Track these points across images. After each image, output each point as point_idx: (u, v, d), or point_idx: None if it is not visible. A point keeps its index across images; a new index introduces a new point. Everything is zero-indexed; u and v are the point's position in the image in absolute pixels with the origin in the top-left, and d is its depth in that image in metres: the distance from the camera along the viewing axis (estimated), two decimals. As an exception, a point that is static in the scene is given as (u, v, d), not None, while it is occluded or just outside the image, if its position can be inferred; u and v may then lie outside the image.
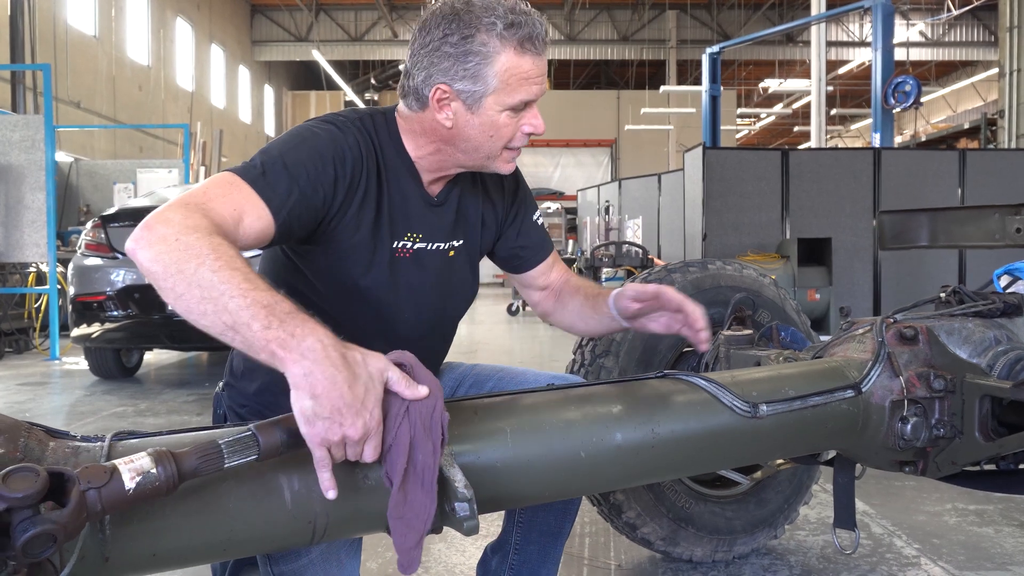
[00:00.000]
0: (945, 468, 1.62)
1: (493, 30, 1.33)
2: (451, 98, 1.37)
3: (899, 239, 3.07)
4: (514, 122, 1.40)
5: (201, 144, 12.96)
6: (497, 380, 1.65)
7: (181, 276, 1.04)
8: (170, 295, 1.06)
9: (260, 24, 25.92)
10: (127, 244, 1.11)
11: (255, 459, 0.99)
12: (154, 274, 1.06)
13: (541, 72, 1.39)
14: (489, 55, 1.33)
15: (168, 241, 1.07)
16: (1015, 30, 16.19)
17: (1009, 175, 8.88)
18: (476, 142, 1.41)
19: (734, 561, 2.33)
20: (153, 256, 1.06)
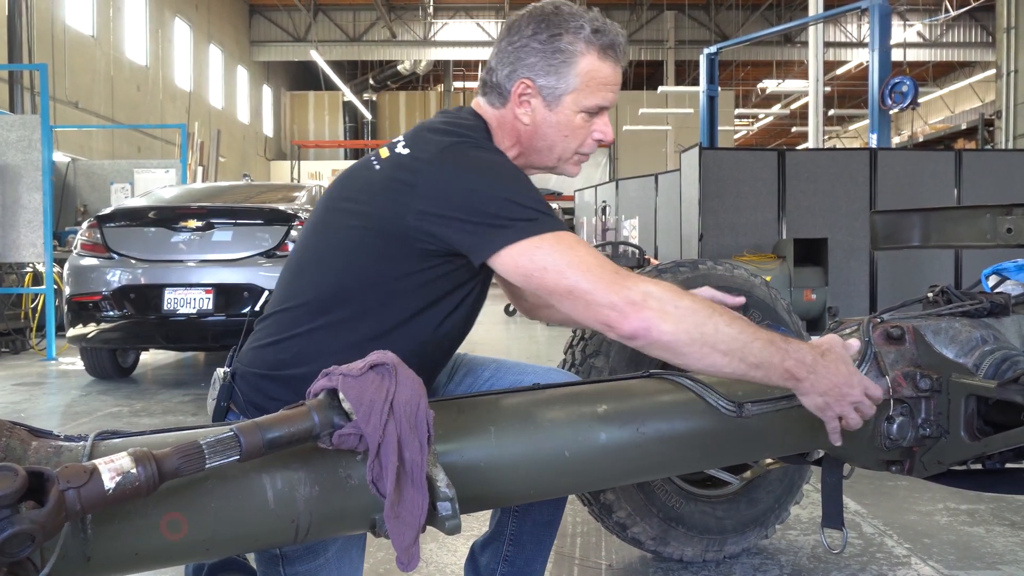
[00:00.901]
0: (931, 467, 1.63)
1: (580, 33, 1.42)
2: (532, 94, 1.44)
3: (891, 239, 3.08)
4: (587, 126, 1.47)
5: (199, 144, 12.97)
6: (494, 371, 1.66)
7: (705, 339, 1.23)
8: (693, 356, 1.24)
9: (258, 24, 25.92)
10: (630, 328, 1.22)
11: (236, 460, 0.99)
12: (678, 342, 1.23)
13: (617, 81, 1.48)
14: (574, 55, 1.42)
15: (672, 312, 1.22)
16: (1012, 31, 16.21)
17: (1005, 175, 8.89)
18: (551, 140, 1.47)
19: (725, 561, 2.33)
20: (674, 328, 1.22)
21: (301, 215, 5.42)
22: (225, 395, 1.46)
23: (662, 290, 1.24)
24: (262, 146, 26.55)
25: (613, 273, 1.25)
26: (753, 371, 1.26)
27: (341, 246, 1.40)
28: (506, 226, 1.27)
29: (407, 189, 1.33)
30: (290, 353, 1.40)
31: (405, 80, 28.54)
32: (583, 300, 1.23)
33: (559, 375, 1.63)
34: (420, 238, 1.33)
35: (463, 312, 1.47)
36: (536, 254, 1.26)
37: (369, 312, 1.38)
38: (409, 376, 1.10)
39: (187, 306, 5.13)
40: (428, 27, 25.48)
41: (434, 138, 1.39)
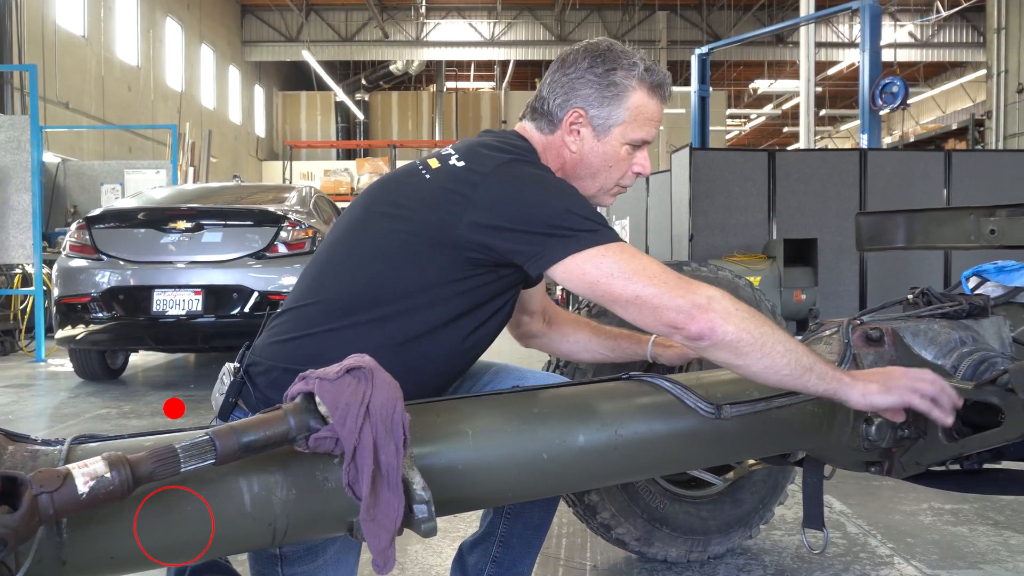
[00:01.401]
0: (910, 468, 1.64)
1: (634, 70, 1.51)
2: (583, 123, 1.52)
3: (876, 240, 3.09)
4: (629, 159, 1.56)
5: (190, 145, 12.94)
6: (493, 375, 1.68)
7: (765, 339, 1.30)
8: (753, 356, 1.30)
9: (250, 24, 25.86)
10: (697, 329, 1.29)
11: (212, 463, 1.00)
12: (741, 342, 1.29)
13: (661, 118, 1.57)
14: (627, 88, 1.51)
15: (734, 313, 1.30)
16: (1003, 31, 16.27)
17: (995, 176, 8.92)
18: (595, 169, 1.55)
19: (709, 561, 2.34)
20: (736, 329, 1.29)
21: (291, 216, 5.42)
22: (234, 391, 1.45)
23: (723, 294, 1.32)
24: (254, 146, 26.50)
25: (677, 279, 1.32)
26: (806, 374, 1.32)
27: (381, 249, 1.44)
28: (570, 235, 1.34)
29: (462, 200, 1.38)
30: (314, 349, 1.40)
31: (397, 80, 28.51)
32: (650, 304, 1.30)
33: (555, 380, 1.64)
34: (472, 248, 1.38)
35: (493, 324, 1.52)
36: (603, 262, 1.32)
37: (403, 316, 1.41)
38: (385, 380, 1.11)
39: (176, 307, 5.12)
40: (420, 27, 25.46)
41: (491, 154, 1.45)
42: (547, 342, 1.87)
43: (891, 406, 1.39)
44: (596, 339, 1.84)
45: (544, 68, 26.91)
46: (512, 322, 1.84)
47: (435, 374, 1.47)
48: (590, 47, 1.55)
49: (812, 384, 1.34)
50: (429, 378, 1.45)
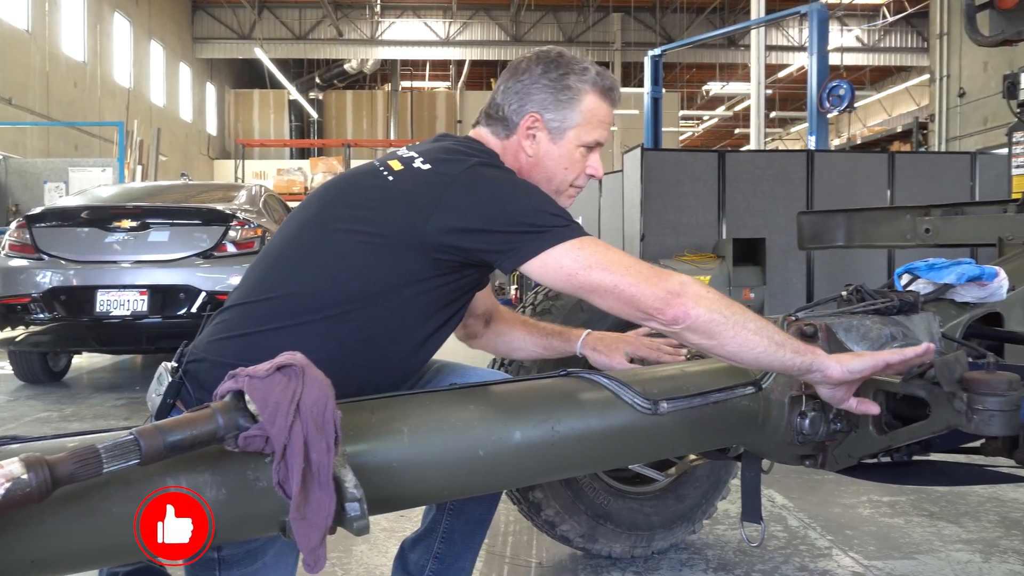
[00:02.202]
0: (843, 461, 1.68)
1: (586, 75, 1.58)
2: (539, 127, 1.57)
3: (817, 239, 3.17)
4: (583, 161, 1.61)
5: (138, 143, 12.69)
6: (435, 372, 1.68)
7: (736, 320, 1.34)
8: (727, 335, 1.34)
9: (201, 21, 25.43)
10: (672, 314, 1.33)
11: (137, 463, 0.98)
12: (714, 322, 1.33)
13: (611, 122, 1.66)
14: (580, 92, 1.57)
15: (705, 296, 1.34)
16: (945, 37, 16.72)
17: (936, 177, 9.17)
18: (551, 172, 1.59)
19: (653, 556, 2.37)
20: (708, 311, 1.33)
21: (240, 215, 5.35)
22: (172, 392, 1.42)
23: (693, 280, 1.38)
24: (205, 145, 26.06)
25: (650, 268, 1.38)
26: (780, 350, 1.36)
27: (341, 249, 1.43)
28: (544, 231, 1.37)
29: (431, 203, 1.39)
30: (267, 345, 1.37)
31: (352, 79, 28.27)
32: (627, 294, 1.34)
33: (497, 376, 1.65)
34: (440, 250, 1.39)
35: (450, 326, 1.54)
36: (580, 255, 1.36)
37: (362, 315, 1.40)
38: (317, 377, 1.10)
39: (121, 308, 5.01)
40: (375, 26, 25.28)
41: (458, 157, 1.47)
42: (485, 342, 1.89)
43: (870, 367, 1.41)
44: (530, 337, 1.87)
45: (500, 68, 26.92)
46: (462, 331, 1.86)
47: (390, 373, 1.47)
48: (541, 55, 1.60)
49: (788, 359, 1.37)
50: (384, 377, 1.45)
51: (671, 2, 24.62)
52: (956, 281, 1.92)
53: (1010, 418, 1.39)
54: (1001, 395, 1.39)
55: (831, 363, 1.40)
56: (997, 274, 1.93)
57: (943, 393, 1.44)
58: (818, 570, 2.30)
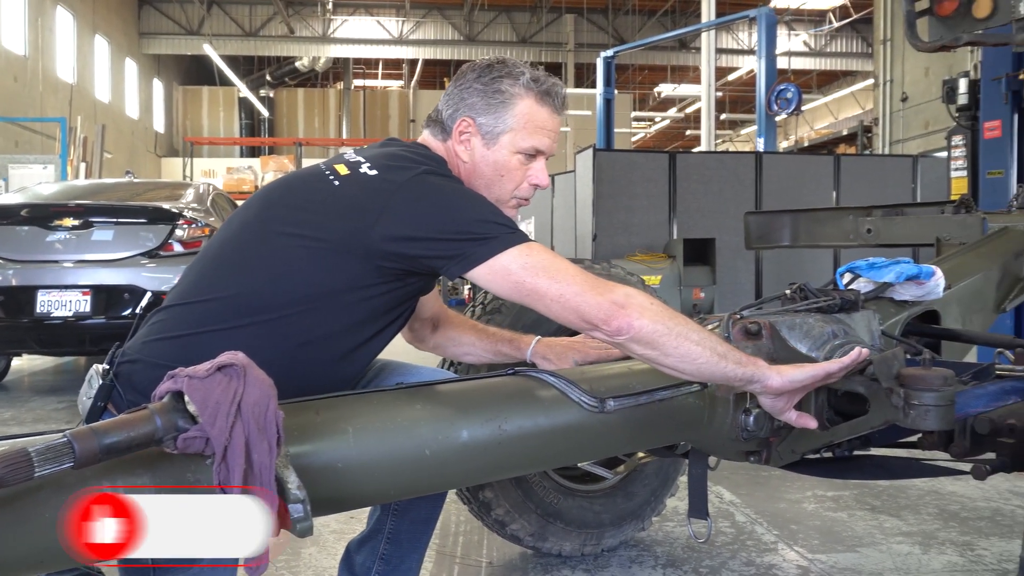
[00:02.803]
0: (786, 457, 1.71)
1: (520, 78, 1.54)
2: (472, 132, 1.54)
3: (764, 239, 3.22)
4: (523, 170, 1.57)
5: (82, 139, 12.38)
6: (377, 371, 1.67)
7: (679, 331, 1.35)
8: (668, 346, 1.34)
9: (148, 16, 24.89)
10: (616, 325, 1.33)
11: (71, 467, 0.95)
12: (657, 333, 1.34)
13: (555, 129, 1.59)
14: (513, 96, 1.53)
15: (648, 307, 1.35)
16: (888, 43, 17.12)
17: (880, 179, 9.41)
18: (488, 180, 1.56)
19: (603, 554, 2.39)
20: (652, 322, 1.33)
21: (187, 214, 5.25)
22: (104, 395, 1.39)
23: (638, 292, 1.37)
24: (152, 142, 25.50)
25: (595, 279, 1.37)
26: (722, 361, 1.37)
27: (284, 252, 1.41)
28: (490, 238, 1.36)
29: (376, 210, 1.38)
30: (205, 347, 1.33)
31: (304, 77, 27.95)
32: (572, 303, 1.34)
33: (443, 376, 1.64)
34: (385, 257, 1.38)
35: (391, 331, 1.53)
36: (527, 261, 1.36)
37: (303, 319, 1.39)
38: (258, 377, 1.08)
39: (63, 309, 4.88)
40: (327, 24, 25.03)
41: (404, 165, 1.46)
42: (434, 346, 1.88)
43: (809, 378, 1.45)
44: (479, 343, 1.85)
45: (453, 68, 26.88)
46: (405, 327, 1.84)
47: (329, 377, 1.45)
48: (481, 61, 1.59)
49: (730, 370, 1.38)
50: (323, 381, 1.43)
51: (623, 4, 24.82)
52: (895, 280, 1.96)
53: (945, 413, 1.43)
54: (936, 390, 1.43)
55: (771, 374, 1.42)
56: (934, 273, 1.98)
57: (881, 389, 1.48)
58: (764, 565, 2.33)
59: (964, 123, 6.55)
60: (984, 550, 2.44)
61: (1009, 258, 2.45)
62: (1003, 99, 5.84)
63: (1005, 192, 5.85)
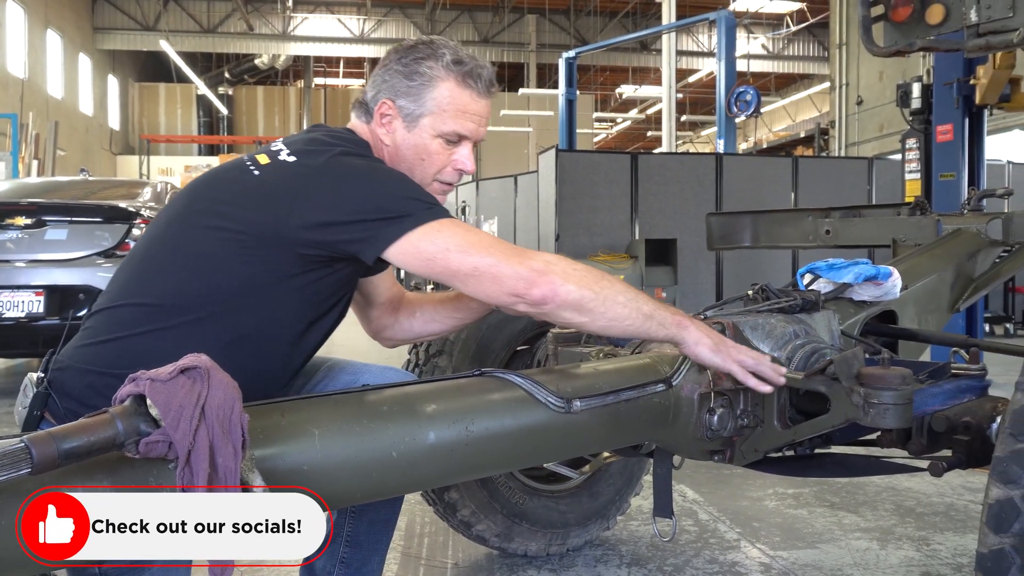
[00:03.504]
0: (749, 455, 1.73)
1: (441, 59, 1.49)
2: (393, 115, 1.50)
3: (725, 240, 3.26)
4: (446, 153, 1.52)
5: (34, 136, 12.10)
6: (326, 371, 1.64)
7: (606, 294, 1.35)
8: (597, 311, 1.34)
9: (103, 10, 24.42)
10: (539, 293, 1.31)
11: (28, 473, 0.93)
12: (584, 299, 1.33)
13: (480, 113, 1.53)
14: (433, 79, 1.48)
15: (572, 274, 1.33)
16: (844, 47, 17.43)
17: (837, 180, 9.58)
18: (409, 163, 1.51)
19: (568, 554, 2.39)
20: (578, 287, 1.32)
21: (144, 212, 5.16)
22: (39, 403, 1.35)
23: (559, 258, 1.35)
24: (107, 140, 25.02)
25: (513, 248, 1.34)
26: (647, 322, 1.39)
27: (208, 247, 1.37)
28: (402, 216, 1.32)
29: (293, 197, 1.34)
30: (137, 351, 1.33)
31: (263, 75, 27.66)
32: (489, 275, 1.29)
33: (395, 374, 1.63)
34: (304, 245, 1.34)
35: (327, 322, 1.49)
36: (438, 238, 1.31)
37: (231, 314, 1.36)
38: (222, 380, 1.07)
39: (15, 309, 4.77)
40: (287, 21, 24.78)
41: (321, 148, 1.42)
42: (398, 330, 1.81)
43: (714, 366, 1.50)
44: (442, 307, 1.78)
45: (415, 67, 26.64)
46: (364, 320, 1.81)
47: (268, 373, 1.42)
48: (408, 42, 1.55)
49: (655, 330, 1.41)
50: (262, 377, 1.40)
51: (585, 5, 24.94)
52: (854, 280, 2.00)
53: (903, 411, 1.46)
54: (895, 389, 1.45)
55: (689, 338, 1.46)
56: (892, 274, 2.02)
57: (842, 388, 1.50)
58: (727, 562, 2.36)
59: (918, 127, 6.70)
60: (939, 545, 2.50)
61: (962, 259, 2.51)
62: (954, 103, 5.97)
63: (957, 194, 5.99)
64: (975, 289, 2.51)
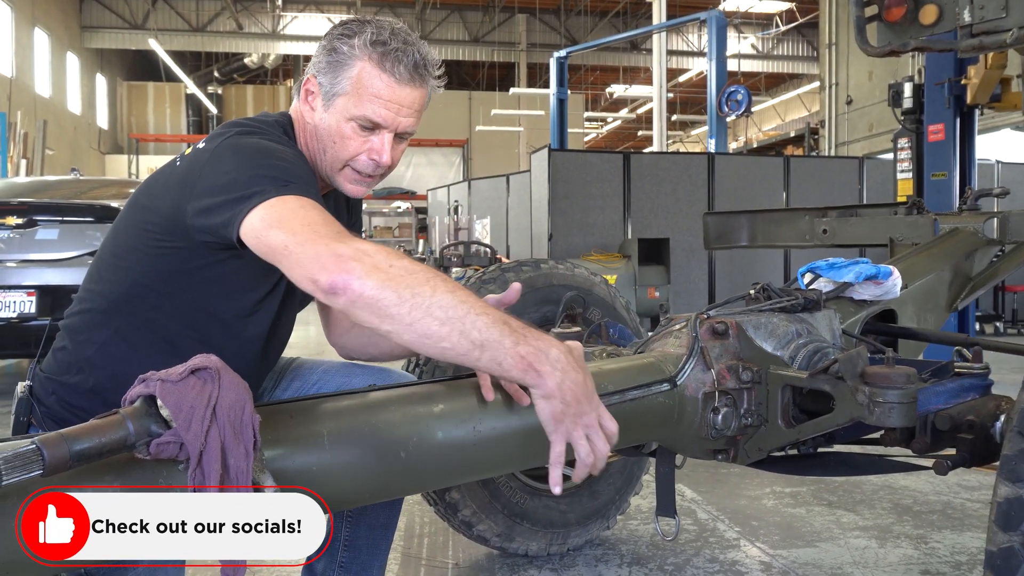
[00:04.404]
0: (753, 454, 1.73)
1: (362, 37, 1.37)
2: (316, 93, 1.41)
3: (722, 239, 3.26)
4: (359, 140, 1.40)
5: (22, 135, 12.02)
6: (322, 374, 1.63)
7: (417, 300, 1.07)
8: (401, 321, 1.07)
9: (91, 9, 24.26)
10: (328, 280, 1.08)
11: (40, 475, 0.92)
12: (383, 301, 1.07)
13: (398, 101, 1.38)
14: (350, 57, 1.37)
15: (384, 269, 1.08)
16: (834, 47, 17.50)
17: (827, 179, 9.61)
18: (323, 144, 1.42)
19: (568, 553, 2.39)
20: (379, 284, 1.07)
21: (136, 212, 5.13)
22: (23, 409, 1.38)
23: (380, 250, 1.12)
24: (95, 139, 24.87)
25: (333, 230, 1.15)
26: (476, 351, 1.09)
27: (133, 245, 1.37)
28: (254, 194, 1.19)
29: (191, 183, 1.30)
30: (82, 357, 1.35)
31: (253, 74, 27.54)
32: (293, 254, 1.12)
33: (394, 375, 1.62)
34: (198, 231, 1.28)
35: (267, 314, 1.44)
36: (269, 212, 1.17)
37: (156, 313, 1.35)
38: (234, 380, 1.06)
39: (6, 310, 4.74)
40: (277, 20, 24.69)
41: (224, 131, 1.37)
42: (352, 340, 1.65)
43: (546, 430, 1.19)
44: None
45: (405, 66, 26.57)
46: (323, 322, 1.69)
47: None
48: (351, 19, 1.45)
49: (486, 364, 1.11)
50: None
51: (575, 5, 24.95)
52: (855, 280, 2.00)
53: (908, 410, 1.46)
54: (900, 388, 1.46)
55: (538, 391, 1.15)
56: (892, 273, 2.03)
57: (847, 387, 1.51)
58: (728, 561, 2.36)
59: (909, 126, 6.73)
60: (937, 543, 2.51)
61: (960, 258, 2.52)
62: (946, 103, 6.01)
63: (949, 193, 6.03)
64: (972, 288, 2.52)
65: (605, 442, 1.21)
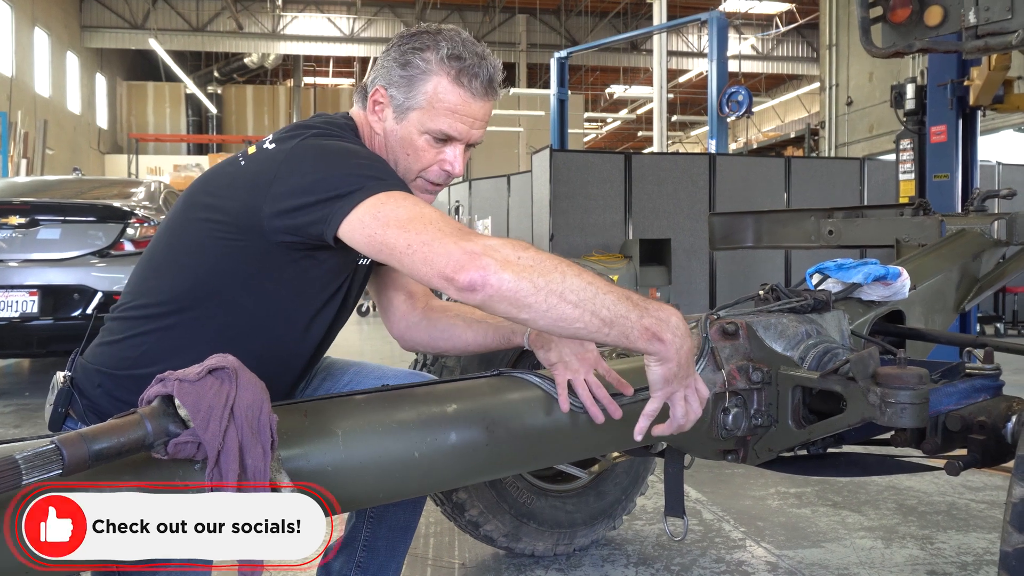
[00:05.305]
0: (763, 455, 1.73)
1: (438, 52, 1.40)
2: (385, 103, 1.43)
3: (727, 240, 3.26)
4: (432, 152, 1.43)
5: (23, 135, 12.01)
6: (354, 375, 1.64)
7: (552, 287, 1.12)
8: (539, 309, 1.13)
9: (90, 8, 24.24)
10: (467, 278, 1.12)
11: (59, 474, 0.92)
12: (521, 292, 1.12)
13: (473, 115, 1.43)
14: (425, 72, 1.40)
15: (515, 261, 1.13)
16: (834, 48, 17.50)
17: (828, 181, 9.61)
18: (395, 155, 1.44)
19: (575, 553, 2.39)
20: (515, 277, 1.11)
21: (138, 212, 5.13)
22: (63, 400, 1.37)
23: (505, 243, 1.16)
24: (95, 139, 24.84)
25: (457, 227, 1.19)
26: (606, 328, 1.15)
27: (199, 243, 1.36)
28: (353, 191, 1.22)
29: (266, 184, 1.30)
30: (138, 351, 1.35)
31: (253, 74, 27.54)
32: (421, 253, 1.15)
33: (419, 378, 1.62)
34: (278, 232, 1.29)
35: (327, 316, 1.46)
36: (381, 210, 1.20)
37: (224, 310, 1.35)
38: (251, 380, 1.06)
39: (8, 309, 4.73)
40: (277, 20, 24.67)
41: (298, 132, 1.38)
42: (419, 332, 1.65)
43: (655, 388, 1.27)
44: (474, 328, 1.60)
45: (405, 66, 26.59)
46: (384, 317, 1.70)
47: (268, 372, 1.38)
48: (414, 29, 1.48)
49: (615, 339, 1.17)
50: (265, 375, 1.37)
51: (575, 5, 24.95)
52: (863, 280, 2.00)
53: (920, 410, 1.46)
54: (912, 389, 1.46)
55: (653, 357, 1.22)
56: (900, 274, 2.03)
57: (858, 388, 1.51)
58: (734, 561, 2.36)
59: (911, 127, 6.73)
60: (943, 543, 2.51)
61: (967, 259, 2.52)
62: (948, 104, 6.01)
63: (951, 194, 6.03)
64: (979, 289, 2.52)
65: (699, 405, 1.30)
